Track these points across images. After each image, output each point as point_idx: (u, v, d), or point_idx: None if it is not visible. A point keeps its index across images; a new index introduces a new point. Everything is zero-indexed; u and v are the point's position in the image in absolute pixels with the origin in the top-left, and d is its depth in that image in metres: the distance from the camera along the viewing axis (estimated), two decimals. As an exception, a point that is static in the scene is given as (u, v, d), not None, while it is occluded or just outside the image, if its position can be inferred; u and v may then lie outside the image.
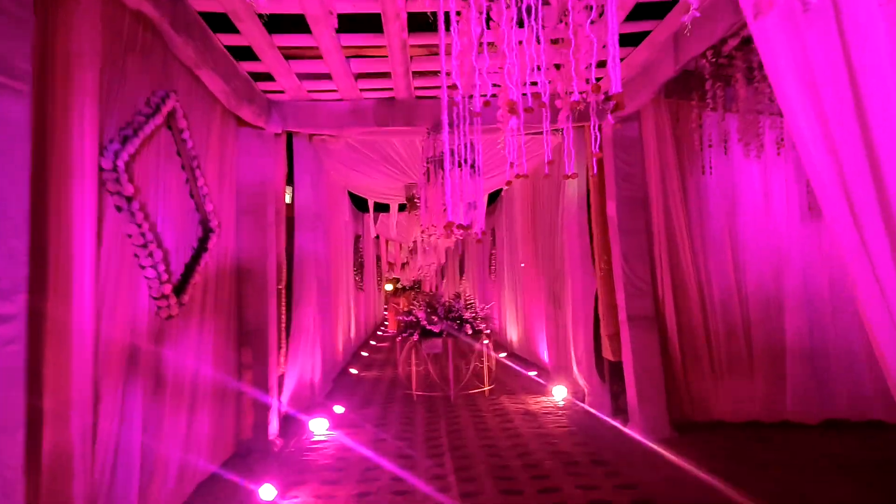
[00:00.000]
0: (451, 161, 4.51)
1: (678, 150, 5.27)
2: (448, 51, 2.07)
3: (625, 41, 4.43)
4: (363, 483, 4.19)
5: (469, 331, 7.08)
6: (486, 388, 7.31)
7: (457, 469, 4.44)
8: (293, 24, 4.06)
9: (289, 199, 6.56)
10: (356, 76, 5.00)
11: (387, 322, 20.90)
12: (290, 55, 4.64)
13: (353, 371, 9.68)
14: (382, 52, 4.59)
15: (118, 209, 3.08)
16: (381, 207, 13.03)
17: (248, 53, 4.48)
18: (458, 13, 2.06)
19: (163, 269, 3.39)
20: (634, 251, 5.25)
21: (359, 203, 13.53)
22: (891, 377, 2.21)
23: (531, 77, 2.08)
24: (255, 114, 5.05)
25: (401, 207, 11.99)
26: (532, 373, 8.61)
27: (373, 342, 15.17)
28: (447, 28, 2.05)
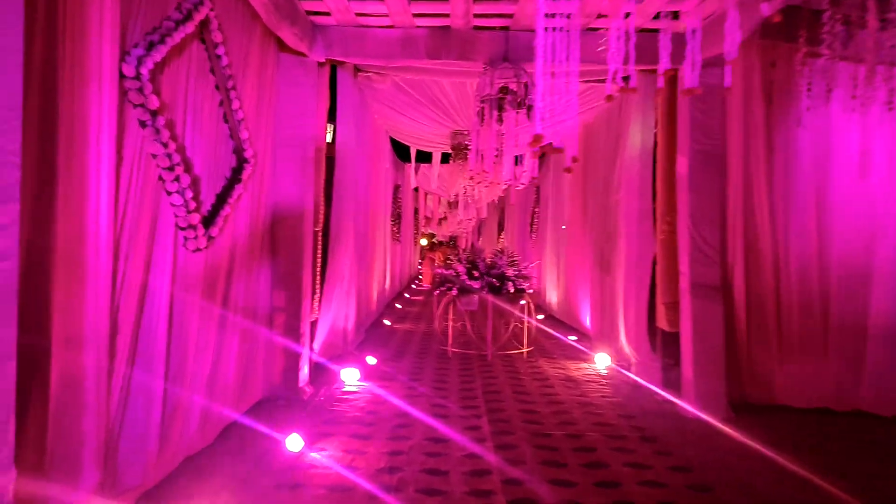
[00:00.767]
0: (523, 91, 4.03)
1: (767, 101, 4.65)
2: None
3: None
4: (395, 440, 3.93)
5: (511, 289, 6.71)
6: (525, 350, 6.98)
7: (494, 433, 4.14)
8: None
9: (329, 138, 6.19)
10: (409, -2, 4.51)
11: (421, 276, 20.75)
12: (339, -29, 4.18)
13: (387, 322, 9.48)
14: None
15: (142, 124, 2.75)
16: (422, 158, 12.58)
17: (293, -34, 4.04)
18: None
19: (190, 197, 3.08)
20: (705, 213, 4.72)
21: (399, 152, 13.13)
22: None
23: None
24: (298, 37, 4.63)
25: (443, 159, 11.55)
26: (571, 337, 8.24)
27: (407, 295, 15.00)
28: None
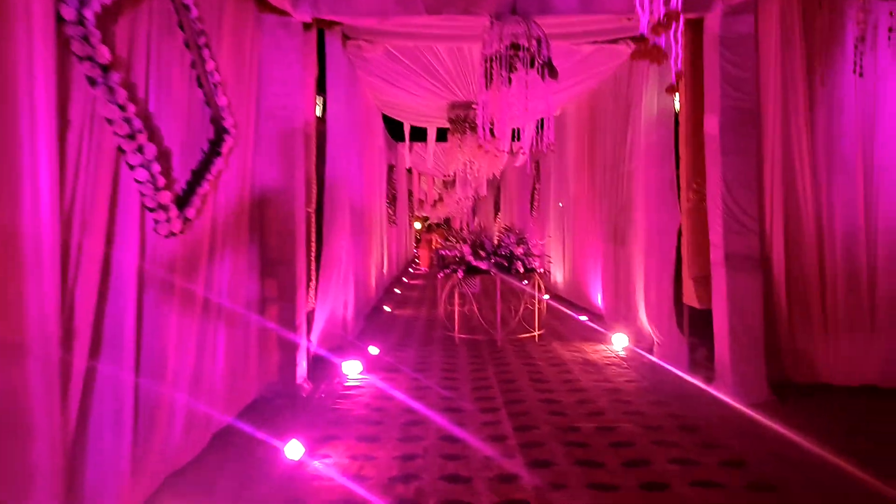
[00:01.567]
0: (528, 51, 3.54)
1: (808, 50, 4.17)
2: None
3: None
4: (406, 442, 3.50)
5: (520, 268, 6.26)
6: (536, 333, 6.57)
7: (516, 429, 3.72)
8: None
9: (319, 112, 5.68)
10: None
11: (418, 259, 20.29)
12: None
13: (387, 309, 9.04)
14: None
15: (91, 82, 2.26)
16: (416, 137, 12.05)
17: None
18: None
19: (159, 172, 2.60)
20: (739, 177, 4.27)
21: (392, 131, 12.59)
22: None
23: None
24: (280, -8, 4.11)
25: (439, 137, 11.03)
26: (582, 317, 7.82)
27: (405, 279, 14.57)
28: None
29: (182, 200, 2.88)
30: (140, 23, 2.62)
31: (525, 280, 6.56)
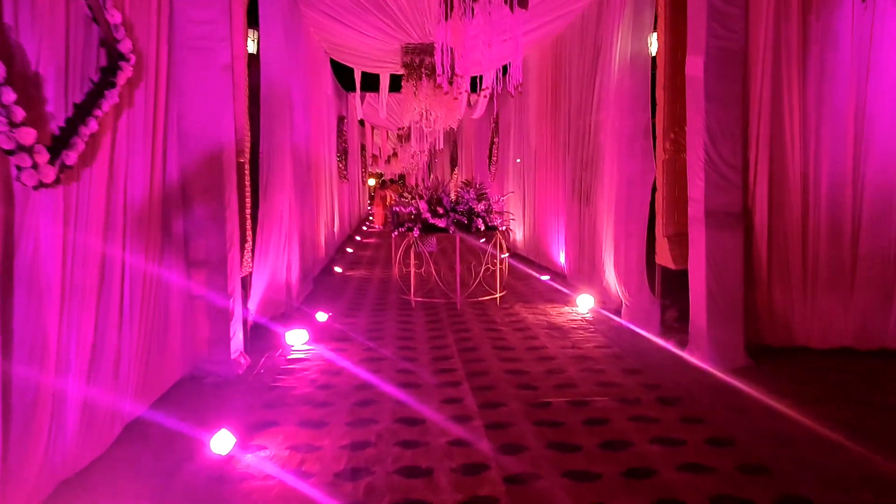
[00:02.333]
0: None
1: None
2: None
3: None
4: (356, 426, 3.05)
5: (481, 226, 5.81)
6: (498, 296, 6.18)
7: (482, 406, 3.33)
8: None
9: (253, 49, 4.95)
10: None
11: (372, 216, 19.62)
12: None
13: (338, 270, 8.49)
14: None
15: None
16: (369, 87, 11.25)
17: None
18: None
19: (13, 101, 1.96)
20: (724, 126, 3.87)
21: (343, 79, 11.73)
22: None
23: None
24: None
25: (393, 87, 10.28)
26: (544, 277, 7.50)
27: (358, 237, 13.97)
28: None
29: (59, 141, 2.24)
30: None
31: (485, 239, 6.12)
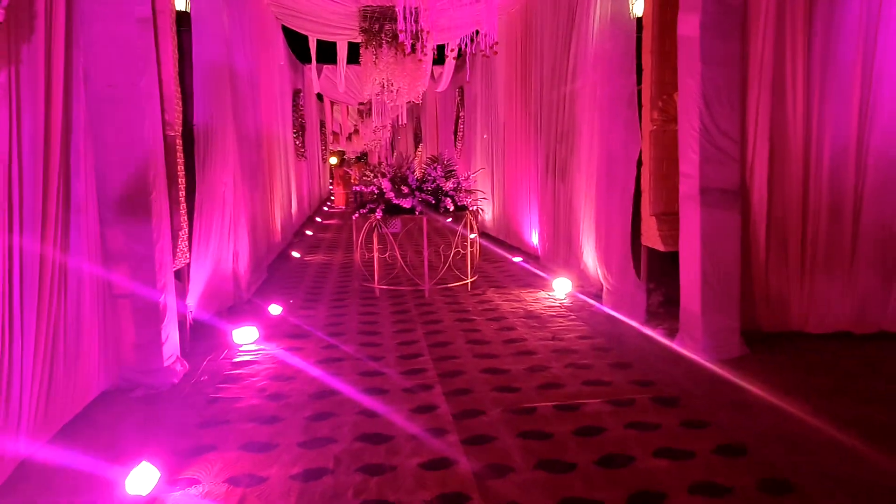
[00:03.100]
0: None
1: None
2: None
3: None
4: (312, 448, 2.57)
5: (450, 206, 5.33)
6: (469, 281, 5.74)
7: (457, 416, 2.89)
8: None
9: (183, 6, 4.28)
10: None
11: (333, 196, 18.88)
12: None
13: (296, 255, 7.90)
14: None
15: None
16: (326, 59, 10.53)
17: None
18: None
19: None
20: (721, 91, 3.47)
21: (298, 51, 10.98)
22: None
23: None
24: None
25: (350, 56, 9.61)
26: (517, 259, 7.10)
27: (318, 219, 13.31)
28: None
29: None
30: None
31: (453, 219, 5.65)
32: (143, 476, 2.21)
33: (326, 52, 10.25)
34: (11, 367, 2.28)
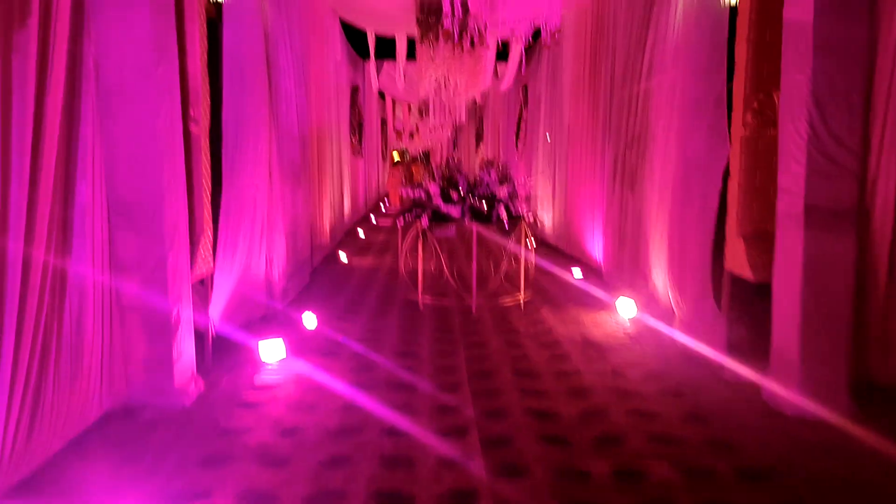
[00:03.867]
0: None
1: None
2: None
3: None
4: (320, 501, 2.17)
5: (503, 215, 4.84)
6: (522, 300, 5.22)
7: (494, 470, 2.41)
8: None
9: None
10: None
11: (388, 197, 18.70)
12: None
13: (343, 258, 7.61)
14: None
15: None
16: (385, 53, 10.23)
17: None
18: None
19: None
20: (838, 89, 2.82)
21: (358, 46, 10.77)
22: None
23: None
24: None
25: (410, 52, 9.26)
26: (576, 272, 6.50)
27: (373, 219, 13.08)
28: None
29: None
30: None
31: (514, 229, 5.12)
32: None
33: (386, 48, 9.96)
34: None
